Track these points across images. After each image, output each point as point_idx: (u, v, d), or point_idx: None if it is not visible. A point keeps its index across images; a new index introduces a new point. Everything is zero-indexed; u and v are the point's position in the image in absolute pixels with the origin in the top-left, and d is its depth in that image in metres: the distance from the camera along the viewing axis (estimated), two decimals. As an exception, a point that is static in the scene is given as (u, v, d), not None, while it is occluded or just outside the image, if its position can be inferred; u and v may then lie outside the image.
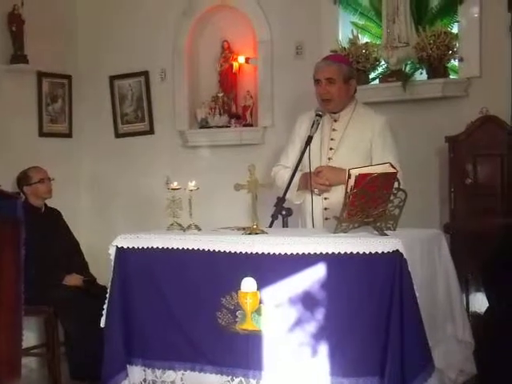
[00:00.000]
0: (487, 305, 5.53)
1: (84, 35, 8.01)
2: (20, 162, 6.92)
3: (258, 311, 4.43)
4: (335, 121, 5.27)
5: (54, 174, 6.87)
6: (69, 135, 7.91)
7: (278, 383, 4.47)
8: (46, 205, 6.87)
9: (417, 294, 3.99)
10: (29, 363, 6.37)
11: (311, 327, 4.32)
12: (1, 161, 6.95)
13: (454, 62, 6.57)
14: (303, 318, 4.36)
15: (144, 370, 4.81)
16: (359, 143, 5.21)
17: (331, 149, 5.24)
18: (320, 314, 4.30)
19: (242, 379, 4.51)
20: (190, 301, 4.69)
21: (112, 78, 7.84)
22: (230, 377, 4.54)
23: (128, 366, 4.79)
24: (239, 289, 4.45)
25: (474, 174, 6.03)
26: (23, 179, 6.75)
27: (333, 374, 4.19)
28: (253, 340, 4.46)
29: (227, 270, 4.56)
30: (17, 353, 5.03)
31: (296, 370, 4.37)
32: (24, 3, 7.23)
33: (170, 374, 4.75)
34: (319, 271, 4.30)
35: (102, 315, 4.95)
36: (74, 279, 6.52)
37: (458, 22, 6.54)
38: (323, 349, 4.26)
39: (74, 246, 6.94)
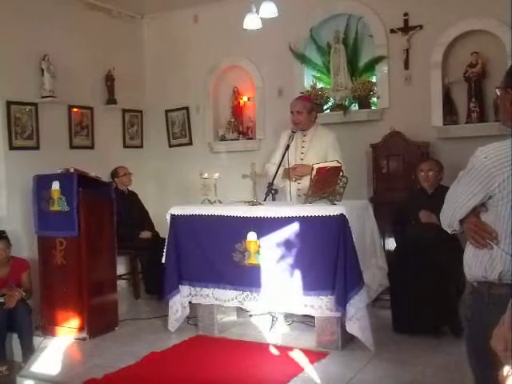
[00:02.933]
0: (395, 244, 5.77)
1: (149, 85, 8.44)
2: (112, 164, 7.45)
3: (257, 252, 4.98)
4: (304, 135, 5.72)
5: (132, 170, 7.43)
6: (141, 146, 8.43)
7: (269, 295, 4.97)
8: (128, 189, 7.38)
9: (354, 240, 4.56)
10: (121, 284, 6.62)
11: (289, 261, 4.85)
12: (101, 163, 7.32)
13: (374, 99, 6.93)
14: (285, 255, 4.87)
15: (189, 288, 5.38)
16: (319, 149, 5.61)
17: (302, 153, 5.69)
18: (295, 252, 4.82)
19: (248, 293, 5.06)
20: (216, 246, 5.17)
21: (166, 111, 8.29)
22: (241, 291, 5.10)
23: (179, 285, 5.37)
24: (246, 239, 5.01)
25: (386, 166, 6.50)
26: (114, 173, 7.31)
27: (304, 289, 4.75)
28: (254, 269, 5.00)
29: (239, 227, 5.05)
30: (114, 277, 5.92)
31: (280, 287, 4.90)
32: (114, 68, 7.73)
33: (205, 290, 5.28)
34: (295, 226, 4.81)
35: (162, 255, 5.53)
36: (145, 234, 7.05)
37: (375, 75, 6.96)
38: (297, 274, 4.79)
39: (145, 214, 7.44)
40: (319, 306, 4.74)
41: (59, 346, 5.34)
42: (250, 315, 5.74)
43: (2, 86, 6.47)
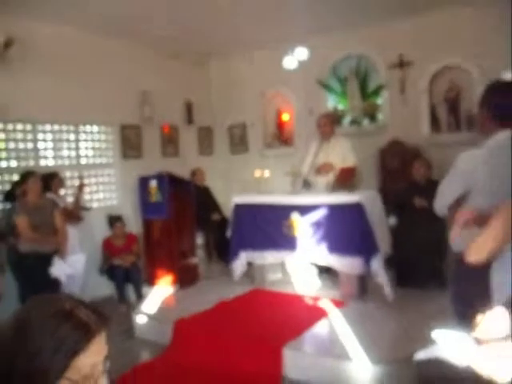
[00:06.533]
0: (396, 222, 5.49)
1: (216, 108, 8.31)
2: (191, 167, 7.28)
3: (297, 227, 5.00)
4: (328, 143, 5.52)
5: (205, 171, 7.32)
6: (211, 154, 8.36)
7: (308, 255, 4.97)
8: (202, 185, 7.18)
9: (369, 219, 4.55)
10: (199, 252, 6.40)
11: (321, 232, 4.83)
12: (183, 166, 7.20)
13: (379, 116, 6.89)
14: (318, 229, 4.85)
15: (248, 253, 5.39)
16: (339, 153, 5.44)
17: (327, 155, 5.48)
18: (324, 227, 4.81)
19: (291, 253, 5.05)
20: (270, 222, 5.18)
21: (229, 127, 8.24)
22: (287, 252, 5.08)
23: (241, 252, 5.42)
24: (290, 217, 5.03)
25: (390, 165, 6.47)
26: (192, 174, 7.14)
27: (332, 251, 4.76)
28: (297, 238, 4.99)
29: (284, 210, 5.05)
30: (194, 246, 5.93)
31: (315, 250, 4.88)
32: (191, 97, 7.77)
33: (263, 253, 5.27)
34: (324, 209, 4.81)
35: (227, 230, 5.68)
36: (216, 216, 6.99)
37: (380, 98, 6.90)
38: (327, 241, 4.79)
39: (215, 201, 7.29)
40: (342, 264, 4.73)
41: (159, 294, 5.46)
42: (291, 273, 5.70)
43: (118, 115, 6.64)
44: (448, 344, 1.53)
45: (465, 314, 2.26)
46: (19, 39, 5.07)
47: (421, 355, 1.63)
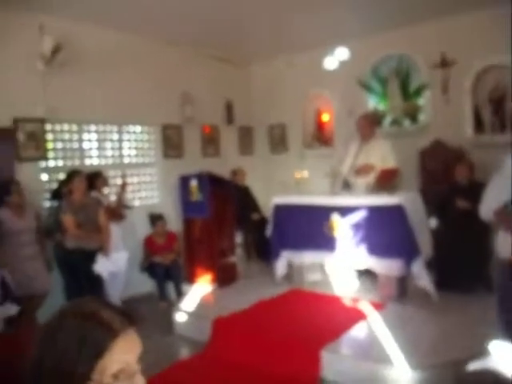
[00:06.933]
0: (438, 223, 5.33)
1: (256, 109, 8.32)
2: (231, 166, 7.41)
3: (337, 228, 4.97)
4: (367, 143, 5.44)
5: (246, 171, 7.39)
6: (251, 154, 8.41)
7: (348, 256, 4.92)
8: (243, 184, 7.13)
9: (410, 221, 4.46)
10: (238, 251, 6.45)
11: (361, 234, 4.79)
12: (224, 166, 7.29)
13: (421, 116, 6.72)
14: (357, 230, 4.82)
15: (289, 253, 5.36)
16: (378, 154, 5.34)
17: (366, 157, 5.37)
18: (364, 229, 4.77)
19: (331, 254, 5.01)
20: (310, 223, 5.14)
21: (269, 127, 8.23)
22: (327, 253, 5.05)
23: (281, 252, 5.39)
24: (331, 219, 5.00)
25: (431, 166, 6.32)
26: (233, 173, 7.25)
27: (371, 253, 4.72)
28: (338, 238, 4.96)
29: (325, 211, 5.03)
30: (234, 245, 5.92)
31: (355, 251, 4.84)
32: (232, 98, 7.84)
33: (303, 253, 5.25)
34: (364, 211, 4.76)
35: (267, 230, 5.62)
36: (255, 215, 6.95)
37: (421, 98, 6.73)
38: (366, 242, 4.75)
39: (255, 201, 7.30)
40: (382, 266, 4.66)
41: (199, 292, 5.51)
42: (330, 275, 5.66)
43: (159, 115, 6.72)
44: (504, 356, 1.46)
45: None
46: (66, 43, 5.21)
47: (474, 366, 1.57)
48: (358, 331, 4.02)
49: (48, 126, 5.44)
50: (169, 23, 5.92)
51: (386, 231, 4.61)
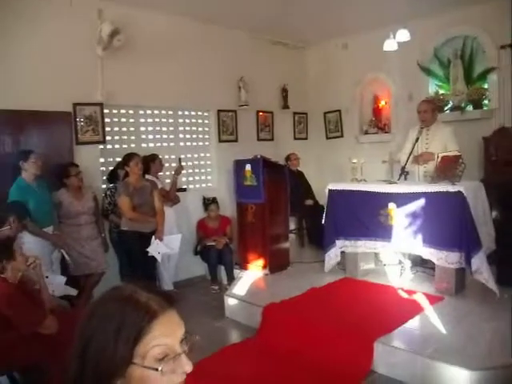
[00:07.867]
0: (502, 215, 5.14)
1: (312, 94, 8.20)
2: (286, 151, 7.33)
3: (394, 216, 4.80)
4: (428, 130, 5.27)
5: (300, 156, 7.30)
6: (306, 139, 8.30)
7: (403, 245, 4.78)
8: (297, 169, 7.19)
9: (472, 212, 4.24)
10: (291, 236, 6.33)
11: (418, 223, 4.61)
12: (278, 150, 7.24)
13: (486, 101, 6.38)
14: (415, 220, 4.64)
15: (343, 241, 5.23)
16: (440, 141, 5.15)
17: (427, 143, 5.25)
18: (422, 218, 4.57)
19: (386, 243, 4.86)
20: (366, 211, 4.99)
21: (324, 113, 8.04)
22: (382, 242, 4.91)
23: (336, 240, 5.24)
24: (388, 207, 4.84)
25: (495, 155, 6.01)
26: (287, 158, 7.17)
27: (428, 243, 4.52)
28: (394, 227, 4.79)
29: (382, 198, 4.87)
30: (287, 231, 5.87)
31: (411, 240, 4.67)
32: (288, 83, 7.74)
33: (358, 242, 5.13)
34: (423, 200, 4.56)
35: (321, 217, 5.44)
36: (309, 201, 6.96)
37: (487, 82, 6.38)
38: (424, 232, 4.55)
39: (309, 187, 7.25)
40: (440, 257, 4.46)
41: (250, 277, 5.49)
42: (384, 264, 5.51)
43: (215, 100, 6.71)
44: None
45: None
46: (123, 28, 5.21)
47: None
48: (412, 324, 3.86)
49: (105, 110, 5.51)
50: (225, 8, 5.86)
51: (445, 221, 4.39)
